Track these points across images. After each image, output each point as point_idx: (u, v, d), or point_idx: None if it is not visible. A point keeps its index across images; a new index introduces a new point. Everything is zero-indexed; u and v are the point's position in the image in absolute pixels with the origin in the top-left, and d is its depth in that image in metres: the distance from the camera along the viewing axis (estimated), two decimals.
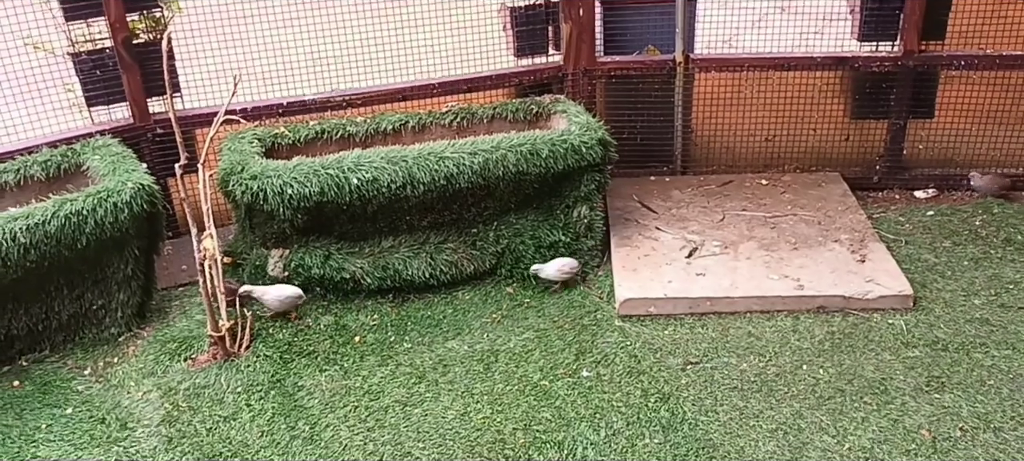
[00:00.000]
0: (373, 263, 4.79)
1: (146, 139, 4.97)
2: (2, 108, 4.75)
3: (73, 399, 4.17)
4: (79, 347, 4.50)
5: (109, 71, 4.79)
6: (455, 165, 4.57)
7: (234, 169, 4.50)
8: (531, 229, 4.96)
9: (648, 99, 5.67)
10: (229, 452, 3.83)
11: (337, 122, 5.11)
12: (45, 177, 4.54)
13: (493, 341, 4.52)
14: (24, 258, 4.02)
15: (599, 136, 4.80)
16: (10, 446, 3.89)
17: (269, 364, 4.34)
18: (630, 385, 4.14)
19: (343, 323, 4.69)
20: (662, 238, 5.11)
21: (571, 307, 4.75)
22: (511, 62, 5.55)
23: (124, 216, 4.21)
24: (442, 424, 3.97)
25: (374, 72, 5.35)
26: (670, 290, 4.63)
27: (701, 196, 5.59)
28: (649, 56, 5.63)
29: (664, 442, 3.82)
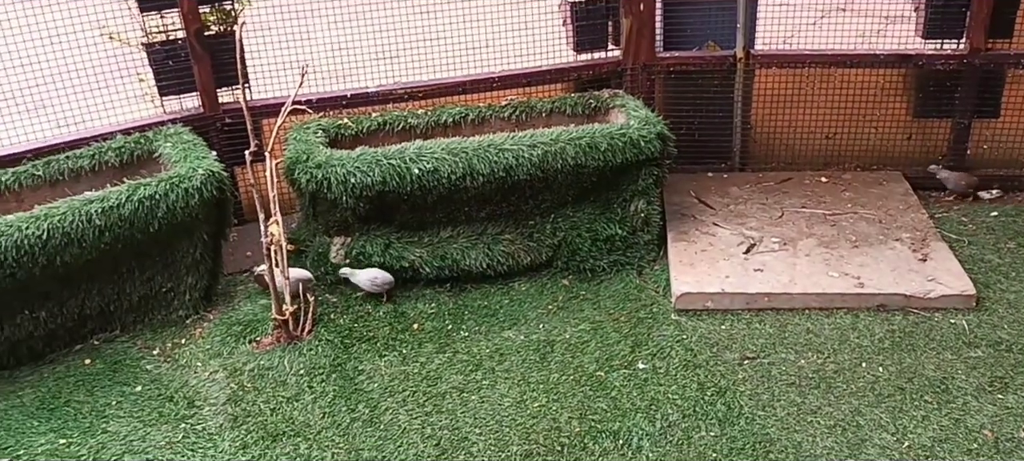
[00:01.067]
0: (432, 252, 4.86)
1: (215, 128, 5.11)
2: (79, 96, 4.93)
3: (142, 377, 4.31)
4: (148, 328, 4.65)
5: (181, 62, 4.94)
6: (514, 157, 4.63)
7: (300, 158, 4.61)
8: (588, 222, 4.99)
9: (707, 95, 5.66)
10: (292, 432, 3.93)
11: (398, 114, 5.20)
12: (119, 163, 4.69)
13: (549, 332, 4.56)
14: (99, 240, 4.17)
15: (658, 130, 4.82)
16: (82, 421, 4.04)
17: (330, 348, 4.44)
18: (686, 378, 4.16)
19: (402, 310, 4.77)
20: (719, 234, 5.10)
21: (627, 300, 4.77)
22: (570, 56, 5.59)
23: (194, 202, 4.34)
24: (499, 411, 4.03)
25: (435, 65, 5.43)
26: (727, 285, 4.63)
27: (759, 193, 5.56)
28: (709, 52, 5.62)
29: (720, 435, 3.83)
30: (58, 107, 4.92)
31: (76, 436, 3.93)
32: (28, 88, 4.90)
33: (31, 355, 4.38)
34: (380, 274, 4.74)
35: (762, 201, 5.46)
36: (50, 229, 4.03)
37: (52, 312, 4.34)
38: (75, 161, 4.62)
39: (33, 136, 4.88)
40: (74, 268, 4.23)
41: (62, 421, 4.03)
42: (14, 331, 4.27)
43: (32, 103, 4.94)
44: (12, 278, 4.03)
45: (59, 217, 4.07)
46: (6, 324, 4.23)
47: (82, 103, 4.96)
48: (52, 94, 4.91)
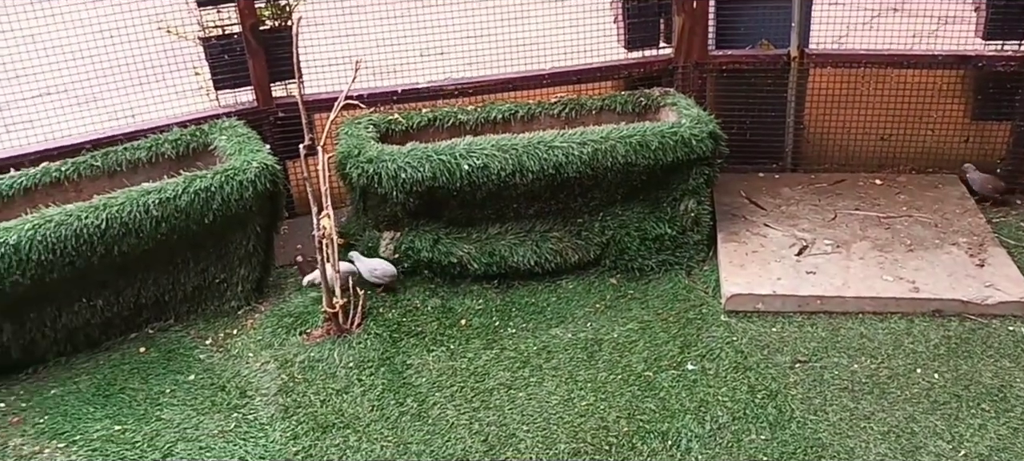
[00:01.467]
0: (480, 249, 4.87)
1: (268, 122, 5.17)
2: (136, 89, 5.02)
3: (195, 367, 4.38)
4: (201, 318, 4.72)
5: (236, 56, 5.01)
6: (564, 154, 4.62)
7: (351, 152, 4.65)
8: (637, 221, 4.96)
9: (760, 94, 5.60)
10: (341, 423, 3.97)
11: (448, 110, 5.22)
12: (175, 155, 4.77)
13: (597, 330, 4.55)
14: (156, 231, 4.24)
15: (710, 129, 4.78)
16: (136, 408, 4.12)
17: (379, 342, 4.47)
18: (736, 380, 4.12)
19: (449, 306, 4.79)
20: (771, 235, 5.04)
21: (675, 300, 4.73)
22: (621, 54, 5.56)
23: (248, 194, 4.40)
24: (546, 408, 4.03)
25: (485, 62, 5.44)
26: (779, 287, 4.57)
27: (812, 194, 5.48)
28: (763, 50, 5.55)
29: (771, 439, 3.79)
30: (116, 99, 5.02)
31: (131, 423, 4.01)
32: (88, 81, 5.00)
33: (88, 342, 4.47)
34: (381, 265, 4.75)
35: (814, 203, 5.38)
36: (109, 219, 4.11)
37: (109, 301, 4.43)
38: (133, 152, 4.71)
39: (92, 127, 4.99)
40: (131, 258, 4.31)
41: (117, 408, 4.11)
42: (72, 318, 4.36)
43: (91, 95, 5.05)
44: (71, 266, 4.11)
45: (117, 207, 4.15)
46: (64, 312, 4.32)
47: (139, 96, 5.05)
48: (111, 87, 5.01)
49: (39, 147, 4.78)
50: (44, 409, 4.11)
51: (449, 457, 3.78)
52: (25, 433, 3.97)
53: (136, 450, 3.84)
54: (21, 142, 4.88)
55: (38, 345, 4.34)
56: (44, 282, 4.09)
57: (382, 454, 3.80)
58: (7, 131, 4.88)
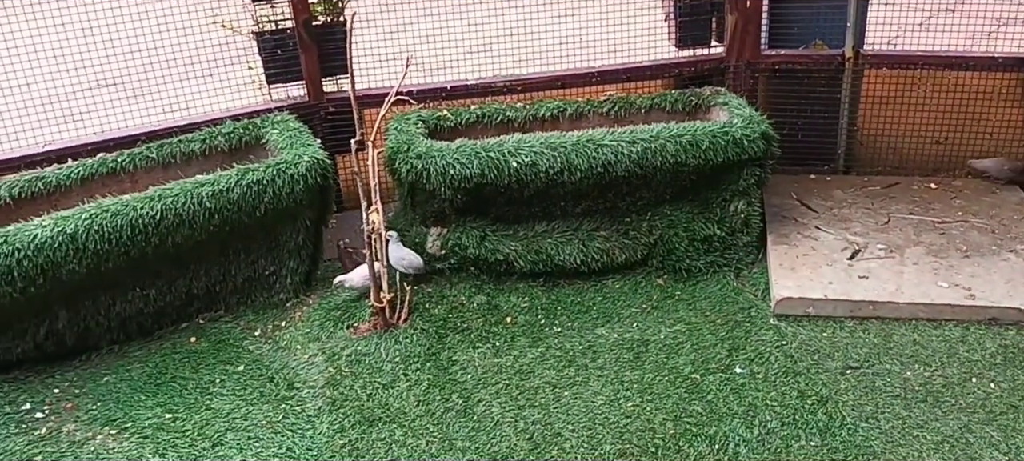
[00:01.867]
0: (526, 246, 4.86)
1: (318, 117, 5.21)
2: (192, 81, 5.10)
3: (244, 358, 4.44)
4: (251, 309, 4.78)
5: (289, 51, 5.06)
6: (613, 153, 4.59)
7: (401, 148, 4.67)
8: (685, 221, 4.92)
9: (812, 95, 5.52)
10: (387, 417, 3.99)
11: (497, 107, 5.22)
12: (228, 148, 4.83)
13: (643, 331, 4.52)
14: (209, 222, 4.30)
15: (762, 130, 4.72)
16: (187, 397, 4.18)
17: (425, 337, 4.48)
18: (786, 385, 4.06)
19: (495, 303, 4.79)
20: (822, 238, 4.97)
21: (723, 302, 4.69)
22: (671, 53, 5.51)
23: (299, 188, 4.44)
24: (592, 408, 4.01)
25: (534, 59, 5.43)
26: (830, 291, 4.50)
27: (864, 197, 5.39)
28: (816, 50, 5.47)
29: (821, 446, 3.73)
30: (169, 92, 5.10)
31: (181, 411, 4.07)
32: (142, 73, 5.08)
33: (140, 331, 4.55)
34: (409, 256, 4.74)
35: (867, 206, 5.29)
36: (163, 210, 4.18)
37: (161, 290, 4.50)
38: (187, 145, 4.78)
39: (147, 120, 5.07)
40: (184, 249, 4.38)
41: (168, 396, 4.18)
42: (125, 307, 4.44)
43: (145, 88, 5.13)
44: (126, 256, 4.18)
45: (172, 199, 4.21)
46: (118, 300, 4.40)
47: (194, 88, 5.12)
48: (165, 80, 5.09)
49: (96, 138, 4.87)
50: (97, 396, 4.19)
51: (494, 454, 3.78)
52: (78, 419, 4.05)
53: (186, 438, 3.90)
54: (78, 133, 4.97)
55: (92, 333, 4.42)
56: (99, 271, 4.17)
57: (428, 449, 3.81)
58: (63, 121, 4.97)
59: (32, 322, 4.24)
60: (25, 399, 4.17)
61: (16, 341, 4.25)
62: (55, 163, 4.66)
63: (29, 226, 4.04)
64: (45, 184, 4.50)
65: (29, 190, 4.46)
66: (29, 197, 4.46)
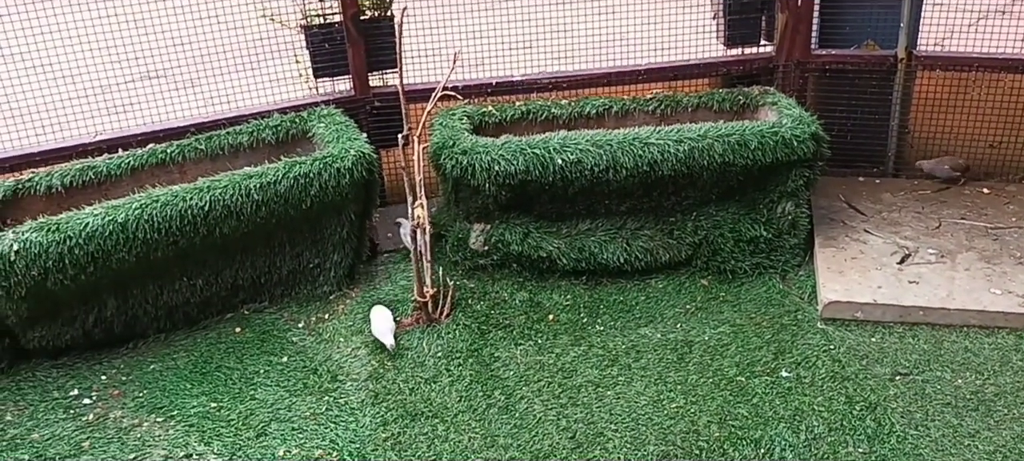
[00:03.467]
0: (569, 244, 4.84)
1: (364, 111, 5.23)
2: (240, 74, 5.14)
3: (288, 349, 4.46)
4: (295, 301, 4.81)
5: (336, 45, 5.07)
6: (660, 152, 4.55)
7: (446, 143, 4.66)
8: (731, 222, 4.86)
9: (863, 96, 5.42)
10: (430, 412, 3.99)
11: (542, 103, 5.19)
12: (275, 141, 4.86)
13: (687, 332, 4.47)
14: (256, 214, 4.33)
15: (812, 130, 4.64)
16: (232, 387, 4.22)
17: (467, 333, 4.48)
18: (833, 390, 4.00)
19: (537, 300, 4.77)
20: (871, 242, 4.88)
21: (769, 305, 4.62)
22: (719, 51, 5.45)
23: (345, 181, 4.46)
24: (635, 408, 3.98)
25: (580, 56, 5.40)
26: (879, 296, 4.42)
27: (915, 201, 5.29)
28: (868, 51, 5.38)
29: (869, 452, 3.66)
30: (217, 85, 5.14)
31: (226, 401, 4.11)
32: (190, 66, 5.13)
33: (186, 320, 4.60)
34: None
35: (917, 210, 5.19)
36: (212, 201, 4.21)
37: (208, 280, 4.54)
38: (235, 137, 4.82)
39: (195, 111, 5.12)
40: (231, 240, 4.41)
41: (213, 385, 4.22)
42: (172, 296, 4.49)
43: (191, 80, 5.18)
44: (175, 246, 4.23)
45: (221, 190, 4.25)
46: (166, 289, 4.45)
47: (242, 81, 5.16)
48: (212, 72, 5.13)
49: (146, 129, 4.93)
50: (143, 383, 4.24)
51: (536, 452, 3.77)
52: (125, 406, 4.10)
53: (231, 428, 3.93)
54: (129, 124, 5.03)
55: (139, 321, 4.48)
56: (148, 260, 4.22)
57: (470, 445, 3.81)
58: (111, 112, 5.04)
59: (81, 309, 4.30)
60: (73, 385, 4.23)
61: (65, 328, 4.31)
62: (106, 153, 4.72)
63: (80, 214, 4.09)
64: (96, 173, 4.56)
65: (80, 179, 4.53)
66: (80, 186, 4.53)
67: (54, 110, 4.86)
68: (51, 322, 4.26)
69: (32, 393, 4.18)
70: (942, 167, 5.37)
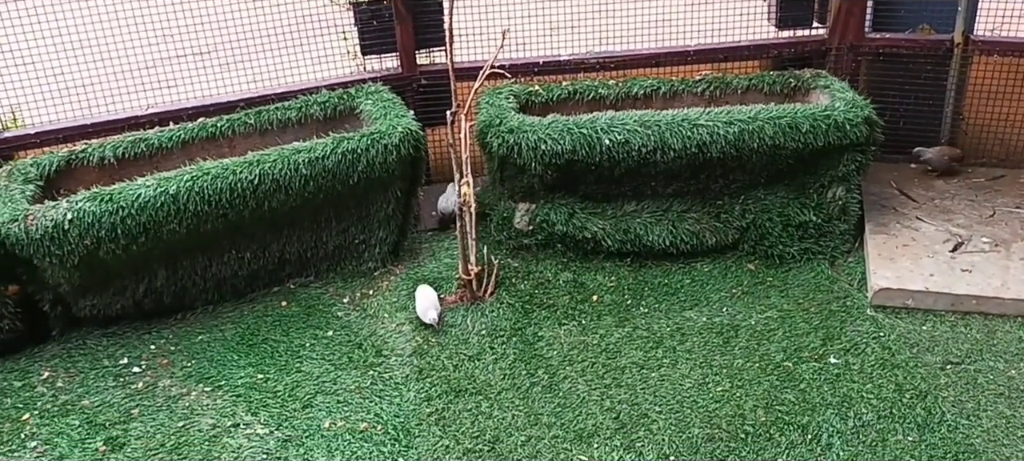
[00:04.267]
0: (615, 226, 4.81)
1: (411, 88, 5.23)
2: (289, 50, 5.16)
3: (333, 323, 4.49)
4: (339, 276, 4.84)
5: (385, 22, 5.08)
6: (709, 133, 4.50)
7: (493, 122, 4.66)
8: (780, 206, 4.80)
9: (917, 81, 5.31)
10: (473, 389, 4.00)
11: (589, 83, 5.16)
12: (323, 117, 4.89)
13: (733, 316, 4.43)
14: (304, 189, 4.36)
15: (865, 114, 4.56)
16: (278, 359, 4.26)
17: (511, 312, 4.48)
18: (883, 378, 3.94)
19: (581, 281, 4.75)
20: (923, 229, 4.79)
21: (817, 291, 4.56)
22: (770, 33, 5.37)
23: (392, 158, 4.47)
24: (680, 391, 3.95)
25: (629, 36, 5.36)
26: (931, 284, 4.34)
27: (968, 189, 5.18)
28: (923, 35, 5.26)
29: (919, 441, 3.61)
30: (266, 62, 5.17)
31: (273, 372, 4.15)
32: (238, 43, 5.16)
33: (234, 293, 4.65)
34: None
35: (971, 198, 5.09)
36: (261, 175, 4.25)
37: (255, 254, 4.58)
38: (284, 112, 4.85)
39: (245, 87, 5.16)
40: (279, 214, 4.45)
41: (260, 357, 4.26)
42: (221, 269, 4.54)
43: (240, 57, 5.21)
44: (224, 218, 4.27)
45: (270, 164, 4.28)
46: (214, 262, 4.50)
47: (291, 57, 5.19)
48: (260, 50, 5.16)
49: (196, 103, 4.98)
50: (191, 354, 4.30)
51: (580, 431, 3.76)
52: (173, 375, 4.16)
53: (277, 399, 3.98)
54: (180, 97, 5.08)
55: (188, 292, 4.53)
56: (198, 232, 4.26)
57: (513, 423, 3.81)
58: (161, 87, 5.09)
59: (132, 279, 4.36)
60: (123, 354, 4.31)
61: (116, 297, 4.38)
62: (157, 125, 4.78)
63: (133, 186, 4.15)
64: (147, 145, 4.62)
65: (132, 151, 4.60)
66: (132, 158, 4.59)
67: (106, 84, 4.93)
68: (102, 291, 4.34)
69: (83, 360, 4.26)
70: (942, 158, 5.29)
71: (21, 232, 3.96)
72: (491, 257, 4.66)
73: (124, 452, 3.70)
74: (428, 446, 3.70)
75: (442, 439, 3.73)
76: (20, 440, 3.77)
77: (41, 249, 4.00)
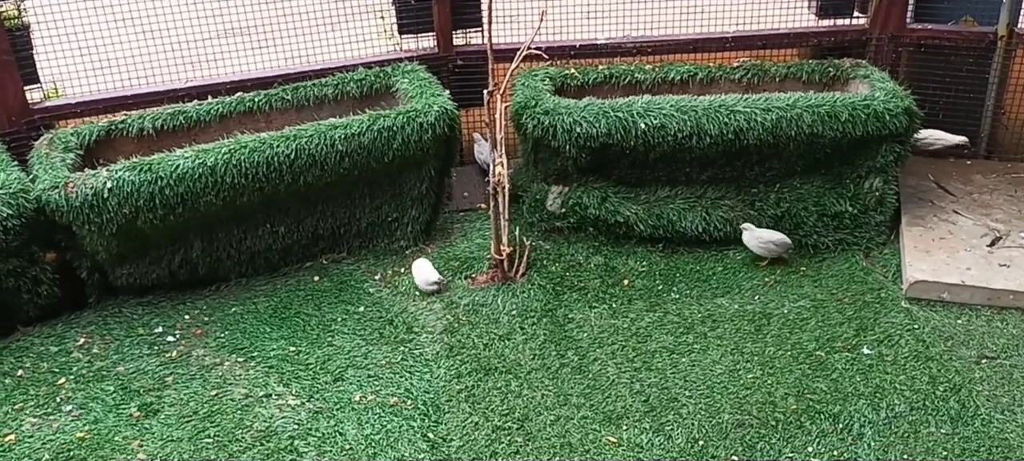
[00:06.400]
0: (648, 211, 4.80)
1: (446, 69, 5.24)
2: (326, 29, 5.18)
3: (365, 299, 4.52)
4: (372, 254, 4.86)
5: (422, 2, 5.09)
6: (746, 120, 4.47)
7: (528, 103, 4.65)
8: (815, 196, 4.76)
9: (958, 74, 5.24)
10: (503, 368, 4.01)
11: (625, 67, 5.14)
12: (359, 94, 4.91)
13: (765, 304, 4.41)
14: (339, 165, 4.39)
15: (905, 105, 4.51)
16: (310, 332, 4.29)
17: (542, 293, 4.48)
18: (916, 370, 3.90)
19: (612, 265, 4.74)
20: (960, 223, 4.74)
21: (851, 281, 4.53)
22: (810, 21, 5.32)
23: (427, 137, 4.48)
24: (710, 377, 3.94)
25: (667, 20, 5.33)
26: (968, 278, 4.29)
27: (1007, 184, 5.11)
28: (966, 26, 5.19)
29: (952, 434, 3.57)
30: (305, 38, 5.19)
31: (305, 345, 4.19)
32: (274, 22, 5.18)
33: (267, 266, 4.69)
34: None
35: (1010, 193, 5.01)
36: (298, 150, 4.28)
37: (289, 228, 4.62)
38: (320, 89, 4.88)
39: (282, 63, 5.19)
40: (314, 189, 4.48)
41: (292, 330, 4.30)
42: (255, 242, 4.58)
43: (276, 36, 5.23)
44: (260, 192, 4.31)
45: (306, 139, 4.31)
46: (249, 235, 4.55)
47: (328, 35, 5.21)
48: (301, 26, 5.18)
49: (234, 77, 5.02)
50: (225, 324, 4.35)
51: (609, 413, 3.76)
52: (207, 345, 4.21)
53: (309, 371, 4.01)
54: (219, 72, 5.12)
55: (222, 264, 4.58)
56: (234, 204, 4.31)
57: (542, 402, 3.82)
58: (198, 63, 5.13)
59: (168, 249, 4.42)
60: (158, 323, 4.36)
61: (152, 267, 4.44)
62: (195, 99, 4.82)
63: (171, 157, 4.20)
64: (186, 118, 4.67)
65: (171, 123, 4.65)
66: (170, 130, 4.64)
67: (147, 58, 4.97)
68: (139, 260, 4.39)
69: (118, 328, 4.32)
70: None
71: (61, 199, 4.02)
72: (523, 238, 4.66)
73: (158, 418, 3.76)
74: (457, 422, 3.72)
75: (471, 416, 3.75)
76: (56, 403, 3.83)
77: (80, 217, 4.06)
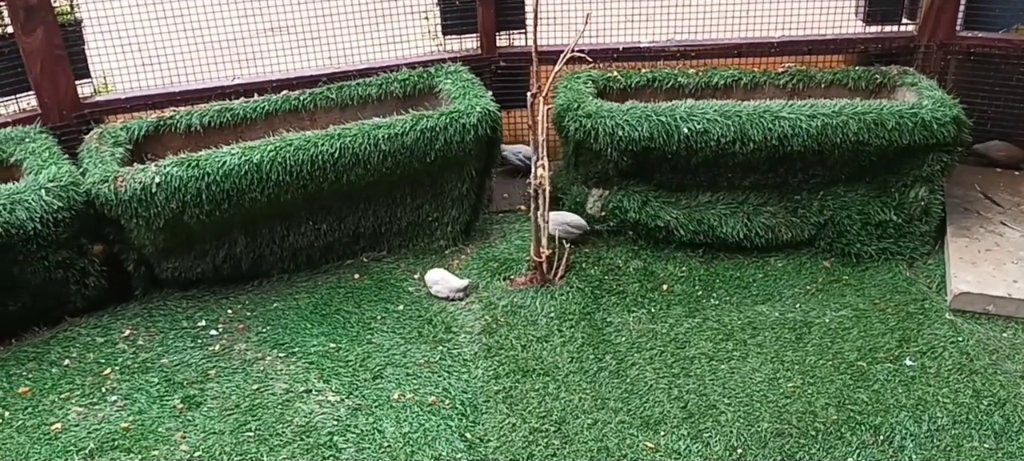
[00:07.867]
0: (688, 216, 4.78)
1: (488, 70, 5.26)
2: (370, 29, 5.23)
3: (404, 298, 4.56)
4: (411, 253, 4.90)
5: (466, 2, 5.11)
6: (791, 126, 4.43)
7: (570, 106, 4.66)
8: (859, 204, 4.70)
9: (1008, 83, 5.15)
10: (541, 370, 4.02)
11: (668, 71, 5.12)
12: (402, 94, 4.94)
13: (806, 313, 4.37)
14: (382, 164, 4.42)
15: (954, 114, 4.44)
16: (349, 329, 4.34)
17: (581, 296, 4.48)
18: (959, 383, 3.84)
19: (652, 270, 4.73)
20: (1008, 234, 4.66)
21: (895, 292, 4.47)
22: (857, 27, 5.26)
23: (470, 138, 4.51)
24: (749, 385, 3.92)
25: (711, 24, 5.30)
26: (1015, 290, 4.22)
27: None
28: (1017, 35, 5.10)
29: (995, 449, 3.52)
30: (350, 38, 5.23)
31: (344, 342, 4.23)
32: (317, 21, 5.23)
33: (309, 263, 4.74)
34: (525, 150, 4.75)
35: None
36: (342, 148, 4.32)
37: (332, 226, 4.67)
38: (364, 88, 4.92)
39: (328, 62, 5.24)
40: (356, 188, 4.52)
41: (332, 327, 4.34)
42: (298, 239, 4.64)
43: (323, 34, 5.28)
44: (304, 190, 4.36)
45: (350, 138, 4.35)
46: (292, 232, 4.60)
47: (373, 34, 5.25)
48: (346, 25, 5.23)
49: (280, 76, 5.08)
50: (266, 320, 4.41)
51: (646, 418, 3.76)
52: (249, 339, 4.27)
53: (349, 368, 4.05)
54: (264, 70, 5.18)
55: (265, 260, 4.64)
56: (279, 201, 4.36)
57: (580, 405, 3.83)
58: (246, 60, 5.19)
59: (213, 244, 4.49)
60: (201, 316, 4.43)
61: (197, 261, 4.51)
62: (242, 96, 4.89)
63: (218, 153, 4.26)
64: (232, 115, 4.74)
65: (218, 120, 4.71)
66: (217, 126, 4.70)
67: (194, 55, 5.05)
68: (184, 255, 4.47)
69: (163, 321, 4.40)
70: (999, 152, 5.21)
71: (110, 193, 4.10)
72: (562, 241, 4.67)
73: (200, 410, 3.82)
74: (495, 422, 3.73)
75: (509, 417, 3.76)
76: (101, 394, 3.91)
77: (129, 210, 4.13)
